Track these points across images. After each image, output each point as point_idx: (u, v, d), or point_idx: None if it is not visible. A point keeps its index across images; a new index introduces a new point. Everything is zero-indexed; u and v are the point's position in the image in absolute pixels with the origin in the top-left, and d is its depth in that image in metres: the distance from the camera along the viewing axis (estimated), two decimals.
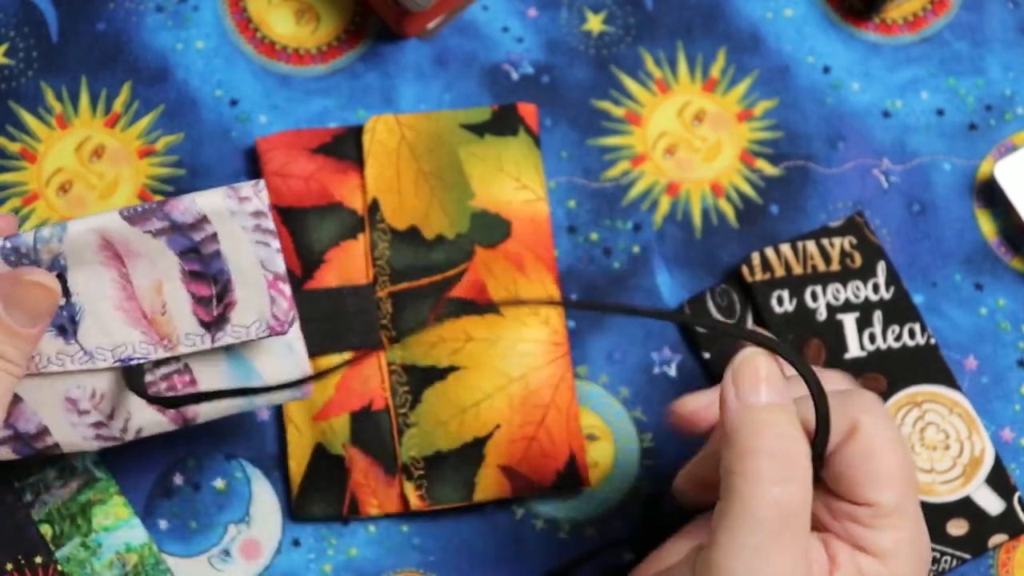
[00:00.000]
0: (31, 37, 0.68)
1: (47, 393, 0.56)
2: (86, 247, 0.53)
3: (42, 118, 0.67)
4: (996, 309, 0.66)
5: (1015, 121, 0.68)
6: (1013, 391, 0.65)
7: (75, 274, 0.54)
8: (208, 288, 0.55)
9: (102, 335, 0.55)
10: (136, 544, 0.62)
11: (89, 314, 0.54)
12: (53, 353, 0.54)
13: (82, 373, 0.55)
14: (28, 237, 0.53)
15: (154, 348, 0.55)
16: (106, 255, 0.54)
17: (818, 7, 0.70)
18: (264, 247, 0.54)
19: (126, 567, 0.61)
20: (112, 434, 0.56)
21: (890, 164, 0.68)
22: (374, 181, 0.65)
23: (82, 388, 0.56)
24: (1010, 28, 0.69)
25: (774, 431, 0.48)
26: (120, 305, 0.54)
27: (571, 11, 0.69)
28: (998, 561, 0.63)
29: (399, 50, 0.68)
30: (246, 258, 0.54)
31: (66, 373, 0.55)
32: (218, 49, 0.68)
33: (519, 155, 0.66)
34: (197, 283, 0.54)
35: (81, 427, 0.56)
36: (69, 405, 0.56)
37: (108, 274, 0.54)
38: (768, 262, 0.65)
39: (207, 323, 0.55)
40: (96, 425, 0.56)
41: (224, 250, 0.54)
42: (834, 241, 0.65)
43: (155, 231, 0.53)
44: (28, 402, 0.56)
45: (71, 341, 0.54)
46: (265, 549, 0.63)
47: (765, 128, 0.68)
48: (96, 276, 0.54)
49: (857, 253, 0.65)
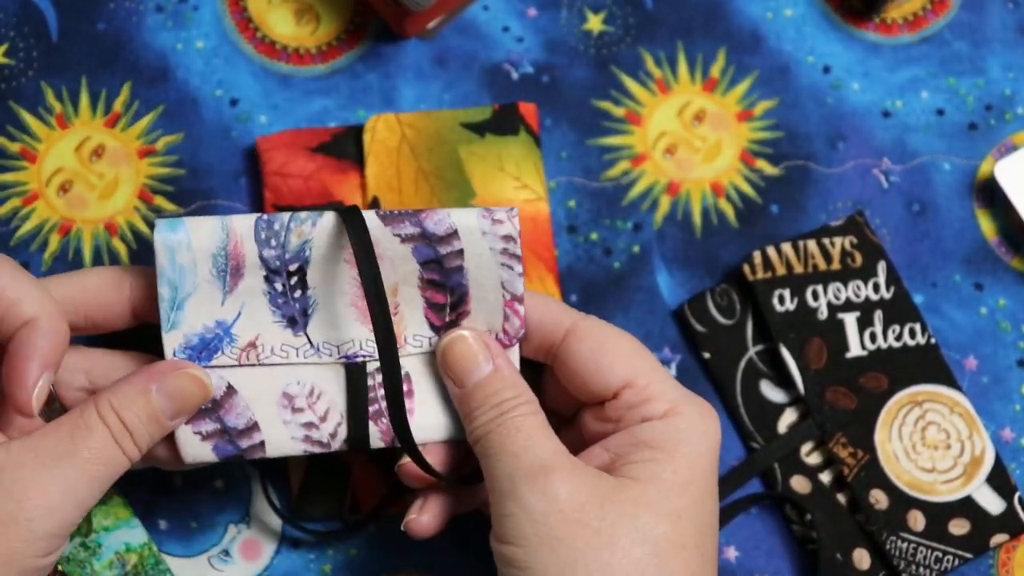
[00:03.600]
0: (31, 37, 0.67)
1: (264, 386, 0.55)
2: (335, 239, 0.53)
3: (42, 118, 0.67)
4: (996, 309, 0.66)
5: (1015, 121, 0.68)
6: (1013, 391, 0.65)
7: (315, 268, 0.54)
8: (444, 296, 0.55)
9: (331, 330, 0.55)
10: (136, 544, 0.61)
11: (323, 308, 0.54)
12: (278, 344, 0.54)
13: (303, 367, 0.55)
14: (284, 216, 0.53)
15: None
16: (350, 252, 0.54)
17: (818, 7, 0.70)
18: (508, 270, 0.55)
19: (126, 567, 0.61)
20: (320, 439, 0.55)
21: (890, 164, 0.68)
22: (374, 180, 0.65)
23: (302, 384, 0.55)
24: (1010, 28, 0.70)
25: (499, 396, 0.53)
26: (355, 302, 0.55)
27: (571, 11, 0.69)
28: (998, 561, 0.63)
29: (399, 50, 0.68)
30: (488, 277, 0.55)
31: (287, 365, 0.54)
32: (218, 49, 0.68)
33: (520, 154, 0.66)
34: (434, 290, 0.55)
35: (293, 425, 0.55)
36: (285, 401, 0.55)
37: (349, 271, 0.54)
38: (769, 260, 0.64)
39: (437, 327, 0.56)
40: (307, 426, 0.55)
41: (468, 267, 0.55)
42: (835, 240, 0.65)
43: (404, 236, 0.54)
44: (242, 395, 0.55)
45: (299, 333, 0.54)
46: (265, 549, 0.63)
47: (765, 128, 0.68)
48: (336, 271, 0.54)
49: (858, 252, 0.65)
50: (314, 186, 0.65)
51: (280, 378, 0.55)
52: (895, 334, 0.64)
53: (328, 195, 0.64)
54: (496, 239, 0.54)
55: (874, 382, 0.64)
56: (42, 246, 0.65)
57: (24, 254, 0.65)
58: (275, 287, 0.54)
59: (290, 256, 0.53)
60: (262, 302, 0.54)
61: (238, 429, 0.55)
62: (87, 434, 0.51)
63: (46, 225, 0.65)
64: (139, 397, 0.52)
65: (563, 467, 0.52)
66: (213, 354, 0.53)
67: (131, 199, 0.66)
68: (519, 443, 0.52)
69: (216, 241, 0.52)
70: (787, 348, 0.63)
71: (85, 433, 0.51)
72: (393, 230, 0.54)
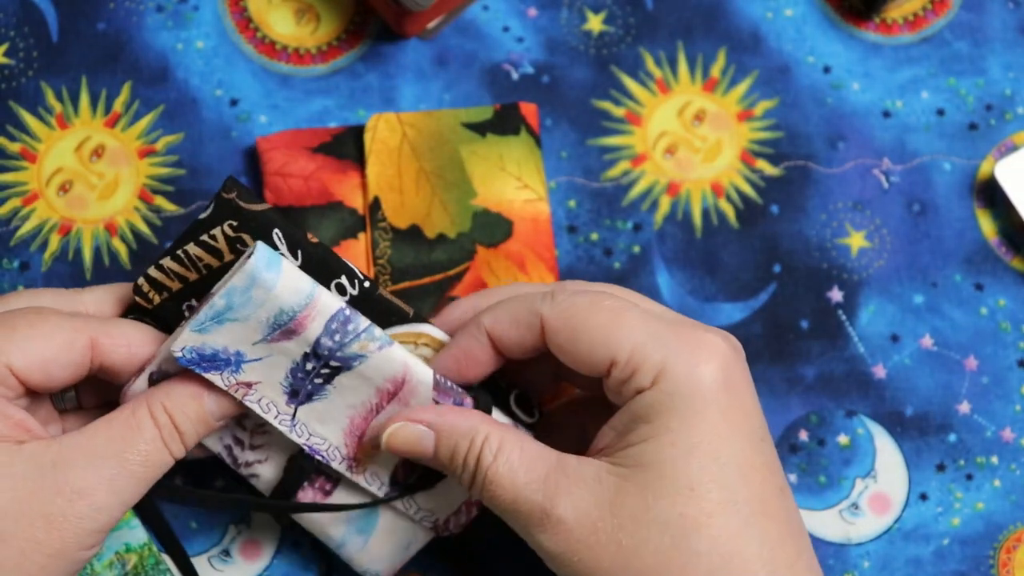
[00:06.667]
0: (31, 37, 0.67)
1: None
2: (386, 369, 0.54)
3: (42, 118, 0.67)
4: (996, 309, 0.66)
5: (1015, 121, 0.69)
6: (1013, 391, 0.65)
7: (349, 376, 0.54)
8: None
9: (317, 422, 0.55)
10: (136, 544, 0.61)
11: (327, 403, 0.55)
12: (268, 399, 0.54)
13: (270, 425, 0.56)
14: (363, 323, 0.53)
15: (341, 463, 0.56)
16: (388, 387, 0.54)
17: (818, 7, 0.70)
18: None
19: (126, 567, 0.61)
20: (238, 457, 0.57)
21: (890, 164, 0.68)
22: (375, 179, 0.65)
23: (260, 424, 0.57)
24: (1010, 28, 0.70)
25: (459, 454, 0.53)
26: (353, 418, 0.55)
27: (571, 11, 0.69)
28: (998, 561, 0.63)
29: (399, 50, 0.68)
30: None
31: (261, 414, 0.55)
32: (218, 49, 0.68)
33: (521, 155, 0.66)
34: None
35: (226, 433, 0.57)
36: (235, 426, 0.57)
37: (372, 399, 0.55)
38: (159, 282, 0.56)
39: (398, 483, 0.57)
40: (237, 442, 0.57)
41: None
42: (214, 233, 0.55)
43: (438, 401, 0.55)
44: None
45: (291, 404, 0.55)
46: (265, 549, 0.62)
47: (765, 128, 0.68)
48: (362, 391, 0.54)
49: (245, 233, 0.54)
50: (314, 186, 0.65)
51: (249, 413, 0.56)
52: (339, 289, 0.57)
53: (328, 195, 0.64)
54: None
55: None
56: (42, 246, 0.65)
57: (24, 254, 0.65)
58: (305, 367, 0.54)
59: (340, 357, 0.53)
60: (284, 366, 0.54)
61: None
62: (137, 434, 0.52)
63: (46, 225, 0.65)
64: (192, 401, 0.53)
65: (559, 492, 0.51)
66: (209, 371, 0.53)
67: (131, 199, 0.66)
68: (506, 496, 0.51)
69: (293, 302, 0.52)
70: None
71: (136, 433, 0.52)
72: (436, 395, 0.55)
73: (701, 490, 0.49)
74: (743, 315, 0.66)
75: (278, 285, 0.52)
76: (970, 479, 0.64)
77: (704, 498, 0.49)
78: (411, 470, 0.57)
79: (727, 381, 0.51)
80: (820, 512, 0.64)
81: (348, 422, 0.55)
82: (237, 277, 0.52)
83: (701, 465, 0.49)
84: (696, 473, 0.49)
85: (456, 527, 0.58)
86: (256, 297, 0.52)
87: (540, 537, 0.51)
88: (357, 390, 0.54)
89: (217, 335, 0.53)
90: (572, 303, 0.53)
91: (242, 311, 0.52)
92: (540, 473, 0.51)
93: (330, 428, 0.55)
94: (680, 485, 0.49)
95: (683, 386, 0.50)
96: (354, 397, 0.55)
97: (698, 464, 0.49)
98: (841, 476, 0.64)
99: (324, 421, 0.55)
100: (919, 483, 0.64)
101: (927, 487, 0.64)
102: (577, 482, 0.50)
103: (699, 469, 0.49)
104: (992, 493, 0.64)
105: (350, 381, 0.54)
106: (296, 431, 0.55)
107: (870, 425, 0.65)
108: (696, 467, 0.49)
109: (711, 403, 0.50)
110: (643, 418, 0.51)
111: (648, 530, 0.49)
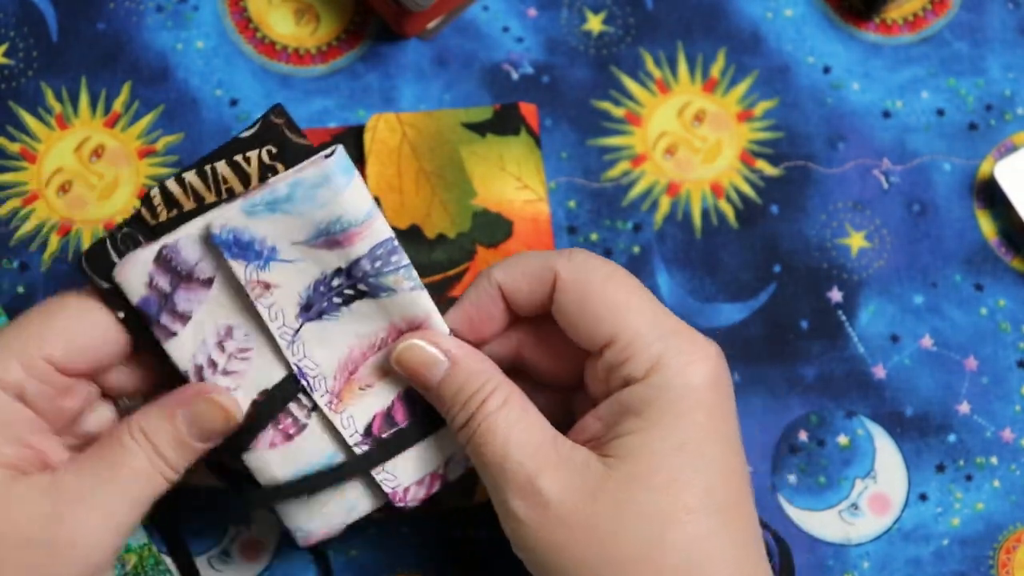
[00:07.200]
0: (31, 37, 0.67)
1: (225, 309, 0.54)
2: (408, 310, 0.53)
3: (42, 118, 0.67)
4: (996, 309, 0.66)
5: (1015, 121, 0.69)
6: (1013, 391, 0.65)
7: (371, 303, 0.53)
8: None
9: (316, 344, 0.54)
10: (135, 544, 0.61)
11: (335, 325, 0.54)
12: (279, 306, 0.53)
13: (264, 342, 0.54)
14: (405, 259, 0.52)
15: (324, 395, 0.55)
16: (401, 327, 0.54)
17: (818, 7, 0.70)
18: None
19: (126, 567, 0.61)
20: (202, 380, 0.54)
21: (890, 164, 0.68)
22: (375, 179, 0.65)
23: (248, 339, 0.54)
24: (1010, 28, 0.70)
25: (464, 392, 0.52)
26: (353, 349, 0.54)
27: (571, 11, 0.69)
28: (998, 561, 0.63)
29: (399, 50, 0.68)
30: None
31: (260, 323, 0.53)
32: (218, 49, 0.68)
33: (520, 155, 0.66)
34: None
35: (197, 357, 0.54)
36: (222, 332, 0.54)
37: (381, 333, 0.54)
38: (172, 196, 0.53)
39: (371, 436, 0.55)
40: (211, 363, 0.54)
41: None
42: (249, 155, 0.53)
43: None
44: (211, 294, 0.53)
45: (300, 319, 0.53)
46: (265, 549, 0.62)
47: (765, 128, 0.68)
48: (375, 322, 0.54)
49: (280, 164, 0.53)
50: None
51: (242, 321, 0.54)
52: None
53: None
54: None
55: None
56: (42, 246, 0.65)
57: (24, 254, 0.65)
58: (332, 282, 0.53)
59: (371, 283, 0.53)
60: (311, 275, 0.53)
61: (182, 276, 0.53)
62: (122, 460, 0.52)
63: (46, 225, 0.65)
64: (165, 422, 0.52)
65: (547, 466, 0.51)
66: (238, 257, 0.52)
67: (131, 199, 0.66)
68: (496, 450, 0.51)
69: (352, 215, 0.51)
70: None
71: (121, 459, 0.52)
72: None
73: (684, 487, 0.50)
74: (743, 315, 0.66)
75: (346, 192, 0.51)
76: (970, 479, 0.64)
77: (687, 495, 0.50)
78: (389, 424, 0.55)
79: (716, 384, 0.51)
80: (820, 512, 0.64)
81: (347, 351, 0.54)
82: (309, 171, 0.51)
83: (686, 463, 0.50)
84: (681, 470, 0.50)
85: (413, 500, 0.56)
86: (321, 197, 0.51)
87: (515, 503, 0.50)
88: (371, 319, 0.54)
89: (262, 223, 0.51)
90: (591, 266, 0.53)
91: (300, 206, 0.51)
92: (535, 441, 0.51)
93: (327, 354, 0.54)
94: (661, 479, 0.50)
95: (675, 383, 0.51)
96: (365, 326, 0.54)
97: (684, 462, 0.50)
98: (841, 476, 0.64)
99: (324, 344, 0.54)
100: (919, 483, 0.64)
101: (927, 487, 0.64)
102: (566, 462, 0.51)
103: (684, 466, 0.50)
104: (992, 493, 0.64)
105: (368, 309, 0.53)
106: (293, 348, 0.54)
107: (870, 425, 0.65)
108: (681, 464, 0.50)
109: (701, 403, 0.51)
110: (633, 410, 0.51)
111: (627, 519, 0.49)
